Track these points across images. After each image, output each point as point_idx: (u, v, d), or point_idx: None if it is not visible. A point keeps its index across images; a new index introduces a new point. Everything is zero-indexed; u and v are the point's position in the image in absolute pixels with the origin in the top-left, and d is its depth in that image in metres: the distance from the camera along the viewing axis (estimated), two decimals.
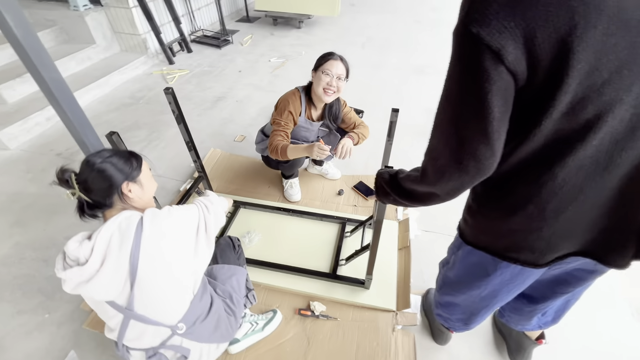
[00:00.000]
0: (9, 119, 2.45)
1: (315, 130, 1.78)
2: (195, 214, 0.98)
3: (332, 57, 1.55)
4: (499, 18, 0.45)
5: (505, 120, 0.54)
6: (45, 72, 1.43)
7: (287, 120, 1.61)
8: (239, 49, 4.00)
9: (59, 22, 3.22)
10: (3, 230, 1.81)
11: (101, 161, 0.91)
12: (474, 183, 0.61)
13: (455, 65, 0.53)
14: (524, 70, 0.49)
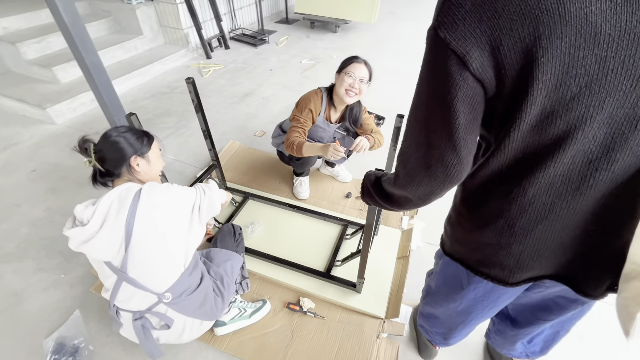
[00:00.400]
0: (60, 97, 2.71)
1: (332, 132, 1.80)
2: (192, 194, 1.05)
3: (356, 60, 1.58)
4: (465, 24, 0.46)
5: (472, 128, 0.54)
6: (87, 56, 1.58)
7: (306, 118, 1.64)
8: (274, 48, 4.13)
9: (114, 13, 3.52)
10: (39, 195, 2.01)
11: (116, 135, 1.02)
12: (445, 189, 0.61)
13: (424, 69, 0.54)
14: (492, 79, 0.49)
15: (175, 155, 2.36)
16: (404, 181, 0.65)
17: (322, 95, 1.68)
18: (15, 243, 1.73)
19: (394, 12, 5.70)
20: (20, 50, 2.86)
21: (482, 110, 0.53)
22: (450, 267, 0.83)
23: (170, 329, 1.10)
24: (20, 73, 3.02)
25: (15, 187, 2.06)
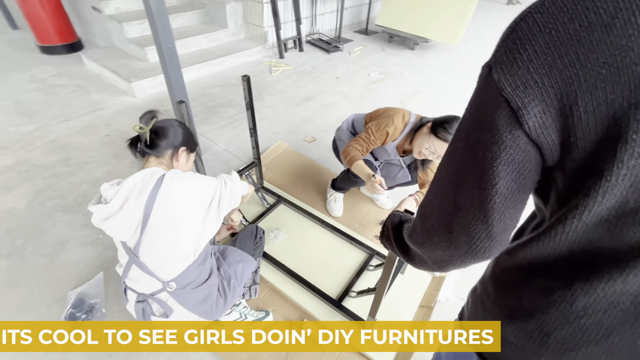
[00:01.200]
0: (145, 74, 3.01)
1: (395, 161, 1.65)
2: (213, 185, 1.06)
3: (448, 140, 1.32)
4: (530, 67, 0.34)
5: (515, 201, 0.41)
6: (164, 42, 1.70)
7: (378, 137, 1.51)
8: (346, 57, 4.12)
9: (207, 5, 3.82)
10: (105, 158, 2.23)
11: (185, 126, 1.16)
12: (467, 262, 0.49)
13: (467, 113, 0.43)
14: (554, 145, 0.36)
15: (226, 145, 2.45)
16: (420, 238, 0.53)
17: (407, 123, 1.52)
18: (74, 196, 1.93)
19: (483, 36, 5.33)
20: (124, 29, 3.25)
21: (534, 181, 0.41)
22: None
23: (168, 318, 1.10)
24: (121, 48, 3.43)
25: (88, 147, 2.32)
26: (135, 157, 1.13)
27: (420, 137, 1.42)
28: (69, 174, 2.08)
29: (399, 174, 1.72)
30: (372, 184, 1.35)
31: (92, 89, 3.01)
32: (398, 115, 1.52)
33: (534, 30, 0.33)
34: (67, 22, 3.49)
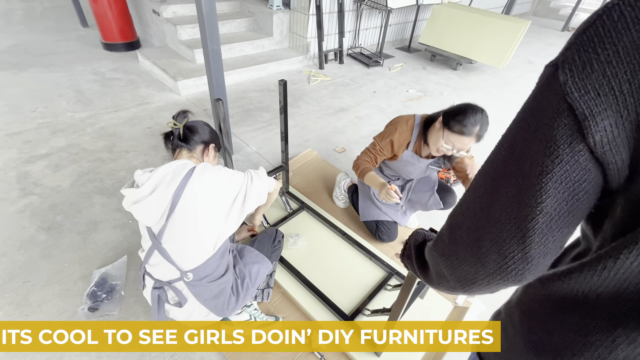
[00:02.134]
0: (190, 74, 3.19)
1: (424, 167, 1.54)
2: (240, 181, 1.08)
3: (466, 132, 1.24)
4: (607, 71, 0.29)
5: (561, 224, 0.36)
6: (211, 44, 1.78)
7: (384, 146, 1.48)
8: (386, 72, 4.10)
9: (256, 14, 4.00)
10: (144, 148, 2.36)
11: (212, 128, 1.25)
12: (495, 285, 0.44)
13: (519, 116, 0.38)
14: (623, 166, 0.31)
15: (257, 147, 2.50)
16: (447, 249, 0.49)
17: (414, 126, 1.45)
18: (112, 181, 2.05)
19: (533, 61, 5.10)
20: (178, 31, 3.48)
21: (589, 205, 0.35)
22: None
23: (182, 307, 1.12)
24: (173, 49, 3.67)
25: (132, 137, 2.47)
26: (167, 150, 1.19)
27: (434, 134, 1.34)
28: (111, 160, 2.21)
29: (430, 200, 1.65)
30: (387, 191, 1.29)
31: (142, 83, 3.23)
32: (401, 121, 1.46)
33: (619, 26, 0.28)
34: (129, 22, 3.79)
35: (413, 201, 1.73)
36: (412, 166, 1.54)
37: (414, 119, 1.47)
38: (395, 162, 1.56)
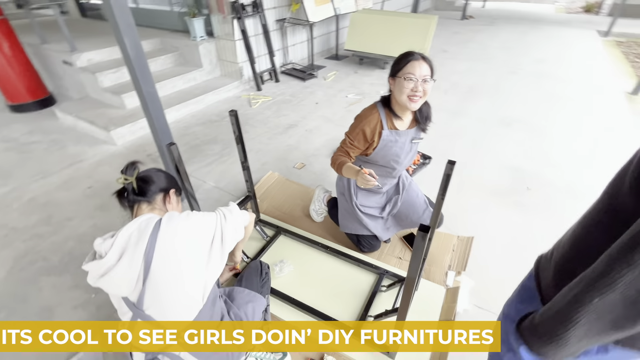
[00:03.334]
0: (123, 121, 2.97)
1: (407, 143, 1.50)
2: (213, 221, 1.02)
3: (413, 58, 1.29)
4: None
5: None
6: (144, 87, 1.68)
7: (355, 138, 1.45)
8: (322, 83, 4.23)
9: (180, 49, 3.88)
10: (89, 211, 2.13)
11: (165, 171, 1.15)
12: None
13: None
14: None
15: (216, 182, 2.40)
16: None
17: (377, 109, 1.44)
18: (59, 256, 1.81)
19: (447, 50, 5.64)
20: (98, 79, 3.23)
21: None
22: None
23: None
24: (96, 98, 3.39)
25: (70, 202, 2.21)
26: (124, 209, 1.08)
27: (395, 92, 1.36)
28: (51, 233, 1.96)
29: (424, 214, 1.65)
30: (362, 176, 1.26)
31: (69, 142, 2.93)
32: (365, 111, 1.47)
33: None
34: (37, 78, 3.43)
35: (401, 216, 1.71)
36: (396, 144, 1.48)
37: (374, 104, 1.48)
38: (378, 152, 1.48)
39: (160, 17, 4.31)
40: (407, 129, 1.49)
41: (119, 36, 1.54)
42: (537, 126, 3.10)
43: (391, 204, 1.70)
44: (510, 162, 2.58)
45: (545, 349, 0.58)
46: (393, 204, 1.69)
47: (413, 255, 0.88)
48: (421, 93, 1.32)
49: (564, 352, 0.56)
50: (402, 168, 1.60)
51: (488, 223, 2.00)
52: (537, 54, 5.30)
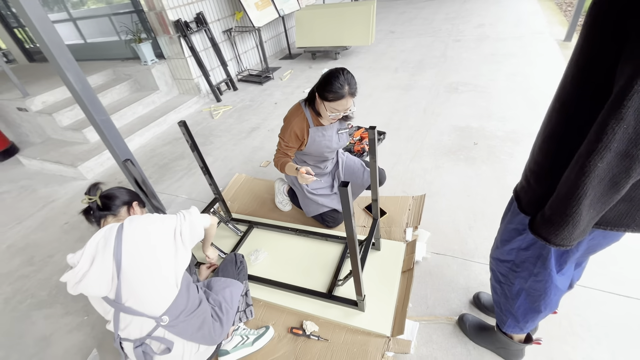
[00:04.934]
0: (89, 155, 3.02)
1: (334, 134, 1.66)
2: (173, 220, 1.14)
3: (341, 95, 1.39)
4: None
5: None
6: (97, 116, 1.77)
7: (289, 139, 1.59)
8: (278, 83, 4.36)
9: (134, 75, 3.93)
10: (70, 244, 2.20)
11: (126, 188, 1.29)
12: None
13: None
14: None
15: (187, 194, 2.50)
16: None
17: (302, 109, 1.59)
18: (47, 291, 1.88)
19: (394, 31, 5.85)
20: (56, 119, 3.27)
21: None
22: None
23: (171, 352, 1.13)
24: (58, 138, 3.42)
25: (50, 240, 2.28)
26: (92, 225, 1.20)
27: (320, 109, 1.49)
28: (36, 272, 2.03)
29: (365, 176, 1.85)
30: (300, 175, 1.40)
31: (39, 185, 2.96)
32: (292, 112, 1.61)
33: None
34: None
35: (347, 177, 1.88)
36: (324, 137, 1.63)
37: (299, 104, 1.63)
38: (310, 146, 1.64)
39: (109, 48, 4.35)
40: (331, 124, 1.64)
41: (61, 73, 1.62)
42: (481, 86, 3.32)
43: (336, 178, 1.88)
44: (458, 123, 2.78)
45: (562, 235, 0.67)
46: (337, 177, 1.87)
47: (344, 211, 1.02)
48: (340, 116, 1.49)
49: (578, 231, 0.65)
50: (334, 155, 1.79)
51: (443, 180, 2.18)
52: (477, 19, 5.56)
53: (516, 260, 0.94)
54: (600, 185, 0.59)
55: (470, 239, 1.74)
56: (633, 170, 0.56)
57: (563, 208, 0.65)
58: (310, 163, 1.82)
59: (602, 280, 1.45)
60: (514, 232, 0.91)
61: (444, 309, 1.45)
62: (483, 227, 1.78)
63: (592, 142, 0.57)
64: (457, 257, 1.66)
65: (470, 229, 1.79)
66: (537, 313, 0.98)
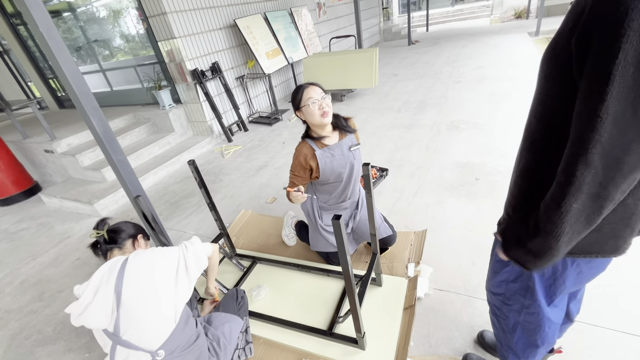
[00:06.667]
0: (105, 193, 3.18)
1: (345, 151, 1.64)
2: (176, 253, 1.19)
3: (304, 87, 1.53)
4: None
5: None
6: (114, 156, 1.92)
7: (297, 170, 1.64)
8: (287, 124, 4.59)
9: (152, 119, 4.23)
10: (79, 280, 2.25)
11: (133, 222, 1.37)
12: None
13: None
14: None
15: (195, 230, 2.57)
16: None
17: (306, 141, 1.63)
18: (52, 327, 1.91)
19: (397, 74, 6.18)
20: (78, 160, 3.49)
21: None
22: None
23: None
24: (78, 178, 3.63)
25: (61, 275, 2.34)
26: (99, 258, 1.27)
27: (308, 117, 1.54)
28: (44, 307, 2.07)
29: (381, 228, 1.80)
30: (292, 194, 1.47)
31: (56, 222, 3.10)
32: (297, 147, 1.65)
33: None
34: (21, 171, 3.68)
35: (360, 231, 1.83)
36: (333, 158, 1.61)
37: (301, 140, 1.68)
38: (323, 171, 1.60)
39: (131, 95, 4.73)
40: (338, 142, 1.64)
41: (87, 119, 1.80)
42: (481, 124, 3.42)
43: (353, 219, 1.83)
44: (459, 159, 2.84)
45: (539, 264, 0.71)
46: (353, 218, 1.83)
47: (338, 246, 1.06)
48: (327, 107, 1.53)
49: (557, 259, 0.69)
50: (354, 180, 1.73)
51: (445, 215, 2.19)
52: (476, 62, 5.86)
53: (507, 293, 0.95)
54: (577, 224, 0.62)
55: (474, 275, 1.71)
56: (605, 208, 0.59)
57: (545, 243, 0.67)
58: (331, 200, 1.78)
59: (614, 319, 1.39)
60: (501, 263, 0.93)
61: (447, 348, 1.41)
62: (486, 263, 1.74)
63: (564, 185, 0.60)
64: (461, 293, 1.63)
65: (473, 264, 1.77)
66: (535, 348, 0.95)
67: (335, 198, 1.76)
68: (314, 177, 1.67)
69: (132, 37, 4.31)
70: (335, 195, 1.75)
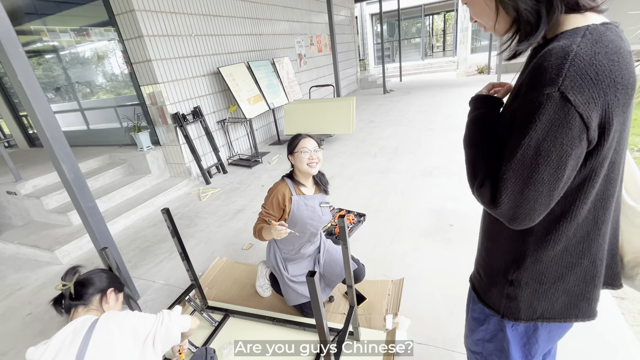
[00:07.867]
0: (69, 238, 2.99)
1: (316, 205, 1.71)
2: (150, 322, 1.09)
3: (302, 137, 1.68)
4: (591, 90, 0.53)
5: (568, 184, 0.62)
6: (83, 202, 1.85)
7: (269, 206, 1.66)
8: (266, 167, 4.63)
9: (128, 160, 4.15)
10: (27, 339, 2.02)
11: (107, 270, 1.28)
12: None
13: (540, 127, 0.57)
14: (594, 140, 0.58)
15: (165, 279, 2.43)
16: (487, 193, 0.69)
17: (285, 181, 1.71)
18: None
19: (373, 120, 6.52)
20: (43, 202, 3.31)
21: None
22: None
23: None
24: (41, 221, 3.41)
25: (7, 334, 2.10)
26: (62, 316, 1.15)
27: (297, 163, 1.65)
28: None
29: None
30: (274, 228, 1.47)
31: (9, 271, 2.84)
32: (276, 183, 1.72)
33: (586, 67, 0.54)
34: None
35: (328, 273, 1.85)
36: (306, 208, 1.67)
37: (282, 178, 1.75)
38: (293, 215, 1.65)
39: (108, 134, 4.68)
40: (313, 194, 1.74)
41: (57, 165, 1.75)
42: (453, 170, 3.61)
43: (317, 264, 1.86)
44: (434, 205, 2.94)
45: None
46: (318, 263, 1.86)
47: (312, 303, 1.04)
48: (316, 160, 1.64)
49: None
50: (318, 232, 1.84)
51: (422, 262, 2.21)
52: (446, 110, 6.31)
53: (484, 352, 0.94)
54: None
55: (452, 326, 1.69)
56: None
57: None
58: (294, 249, 1.81)
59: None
60: (477, 321, 0.93)
61: None
62: (463, 313, 1.75)
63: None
64: (439, 347, 1.59)
65: (450, 314, 1.76)
66: None
67: (297, 248, 1.82)
68: (284, 218, 1.70)
69: (115, 76, 4.37)
70: (297, 246, 1.81)
